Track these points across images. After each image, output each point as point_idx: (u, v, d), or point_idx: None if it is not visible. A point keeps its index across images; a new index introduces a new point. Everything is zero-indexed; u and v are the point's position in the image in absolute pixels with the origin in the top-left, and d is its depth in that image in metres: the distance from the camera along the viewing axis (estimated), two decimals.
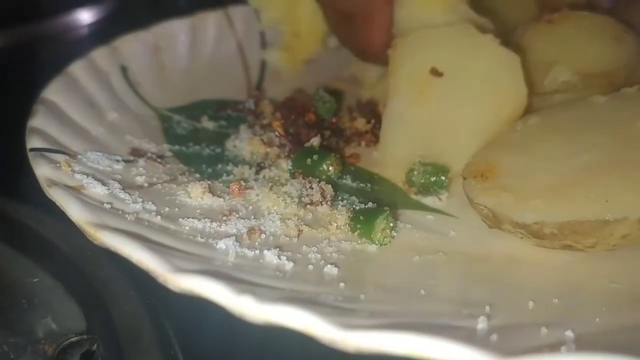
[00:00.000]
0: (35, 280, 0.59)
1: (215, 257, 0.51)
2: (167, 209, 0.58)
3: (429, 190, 0.65)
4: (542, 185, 0.54)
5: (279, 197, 0.63)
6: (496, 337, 0.42)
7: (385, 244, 0.58)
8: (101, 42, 0.84)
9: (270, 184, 0.65)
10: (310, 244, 0.57)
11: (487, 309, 0.47)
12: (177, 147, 0.74)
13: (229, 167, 0.70)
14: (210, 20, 0.96)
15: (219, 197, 0.63)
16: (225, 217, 0.59)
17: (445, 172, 0.65)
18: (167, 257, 0.46)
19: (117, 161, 0.65)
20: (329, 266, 0.53)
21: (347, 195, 0.65)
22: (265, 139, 0.73)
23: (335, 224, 0.60)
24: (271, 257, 0.53)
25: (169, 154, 0.72)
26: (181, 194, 0.63)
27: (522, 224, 0.53)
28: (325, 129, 0.76)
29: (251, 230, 0.57)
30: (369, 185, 0.68)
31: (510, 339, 0.42)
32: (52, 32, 1.14)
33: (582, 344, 0.41)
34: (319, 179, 0.65)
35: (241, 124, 0.78)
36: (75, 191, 0.55)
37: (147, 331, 0.52)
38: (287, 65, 0.89)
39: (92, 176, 0.59)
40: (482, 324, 0.44)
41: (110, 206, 0.54)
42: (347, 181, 0.69)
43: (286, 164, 0.69)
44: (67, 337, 0.53)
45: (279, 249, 0.54)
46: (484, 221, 0.57)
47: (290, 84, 0.88)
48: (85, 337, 0.53)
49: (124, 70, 0.82)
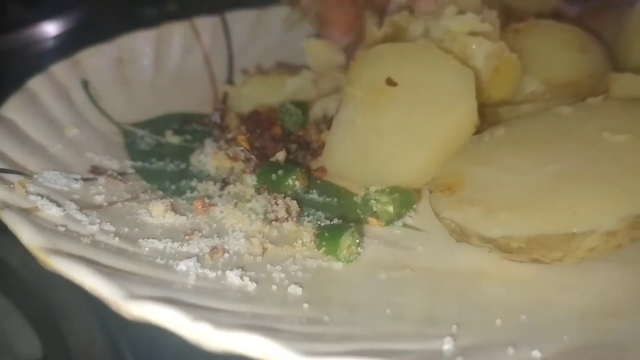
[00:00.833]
0: None
1: (174, 280, 0.50)
2: (126, 230, 0.57)
3: (397, 217, 0.63)
4: (508, 198, 0.54)
5: (243, 213, 0.62)
6: (461, 359, 0.41)
7: (351, 261, 0.56)
8: (63, 56, 0.82)
9: (235, 200, 0.64)
10: (274, 262, 0.55)
11: (454, 328, 0.46)
12: (140, 163, 0.72)
13: (193, 183, 0.69)
14: (175, 32, 0.95)
15: (182, 215, 0.62)
16: (187, 237, 0.58)
17: (409, 200, 0.63)
18: (121, 282, 0.44)
19: (76, 180, 0.63)
20: (293, 286, 0.51)
21: (314, 210, 0.64)
22: (230, 154, 0.72)
23: (300, 241, 0.59)
24: (233, 278, 0.52)
25: (131, 170, 0.70)
26: (142, 213, 0.61)
27: (490, 238, 0.52)
28: (291, 142, 0.75)
29: (214, 249, 0.56)
30: (335, 199, 0.67)
31: None
32: (15, 45, 1.11)
33: None
34: (284, 195, 0.64)
35: (206, 138, 0.76)
36: (28, 214, 0.53)
37: (105, 359, 0.50)
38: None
39: (48, 197, 0.57)
40: (448, 345, 0.44)
41: (64, 229, 0.53)
42: (314, 195, 0.67)
43: (251, 179, 0.68)
44: None
45: (241, 269, 0.53)
46: (452, 235, 0.56)
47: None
48: None
49: (85, 84, 0.80)
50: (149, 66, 0.90)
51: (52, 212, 0.55)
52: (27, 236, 0.49)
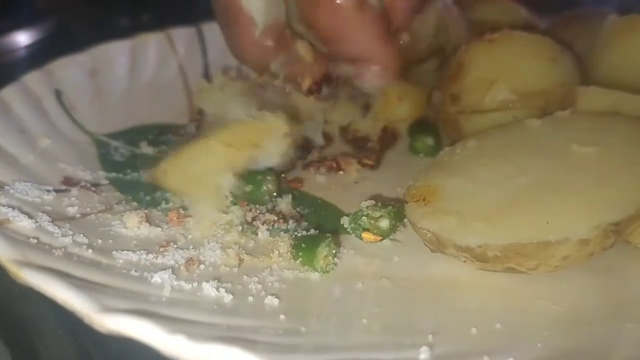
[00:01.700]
0: None
1: (149, 292, 0.49)
2: (100, 242, 0.56)
3: (392, 230, 0.62)
4: (483, 208, 0.54)
5: (219, 224, 0.62)
6: None
7: (328, 271, 0.56)
8: (36, 66, 0.81)
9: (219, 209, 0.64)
10: (251, 273, 0.55)
11: (430, 337, 0.46)
12: (113, 174, 0.71)
13: (169, 194, 0.67)
14: (150, 42, 0.94)
15: (157, 226, 0.61)
16: (162, 248, 0.57)
17: (401, 213, 0.61)
18: (94, 295, 0.44)
19: (48, 191, 0.62)
20: (270, 297, 0.51)
21: (290, 220, 0.64)
22: None
23: (277, 252, 0.58)
24: (209, 289, 0.51)
25: (104, 181, 0.69)
26: (116, 225, 0.60)
27: (466, 247, 0.53)
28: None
29: (189, 261, 0.55)
30: (312, 210, 0.67)
31: None
32: None
33: None
34: (262, 203, 0.65)
35: None
36: None
37: None
38: None
39: (19, 209, 0.56)
40: (424, 355, 0.44)
41: (36, 241, 0.52)
42: (290, 206, 0.67)
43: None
44: None
45: (217, 281, 0.53)
46: (427, 245, 0.57)
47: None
48: None
49: (58, 94, 0.79)
50: (124, 76, 0.89)
51: (23, 224, 0.54)
52: None
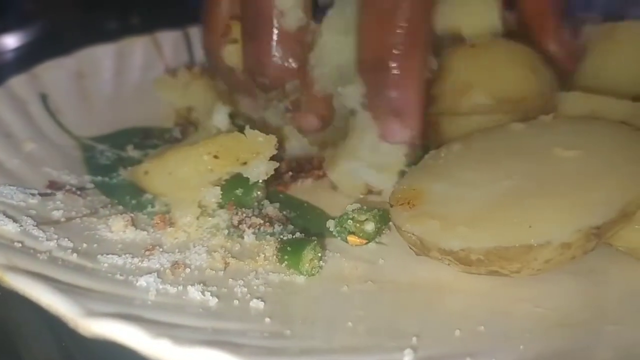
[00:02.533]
0: None
1: (134, 296, 0.49)
2: (84, 246, 0.56)
3: (378, 233, 0.63)
4: (466, 212, 0.54)
5: (206, 228, 0.62)
6: None
7: (313, 275, 0.57)
8: (23, 69, 0.81)
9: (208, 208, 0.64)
10: (236, 277, 0.55)
11: (414, 340, 0.47)
12: (99, 178, 0.71)
13: (151, 196, 0.67)
14: (137, 45, 0.94)
15: (143, 230, 0.61)
16: (148, 252, 0.57)
17: (387, 216, 0.62)
18: (79, 299, 0.43)
19: (33, 195, 0.62)
20: (255, 300, 0.51)
21: (277, 224, 0.64)
22: None
23: (262, 255, 0.59)
24: (195, 293, 0.51)
25: (90, 185, 0.69)
26: (102, 228, 0.60)
27: (449, 250, 0.53)
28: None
29: (175, 264, 0.55)
30: (298, 213, 0.68)
31: None
32: None
33: None
34: (249, 207, 0.65)
35: None
36: None
37: None
38: None
39: (4, 212, 0.56)
40: (408, 357, 0.44)
41: (21, 245, 0.52)
42: (276, 210, 0.67)
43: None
44: None
45: (203, 284, 0.53)
46: (412, 248, 0.57)
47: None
48: None
49: (44, 98, 0.79)
50: (110, 80, 0.90)
51: (8, 228, 0.53)
52: None
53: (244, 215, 0.64)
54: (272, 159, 0.66)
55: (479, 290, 0.54)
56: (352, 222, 0.61)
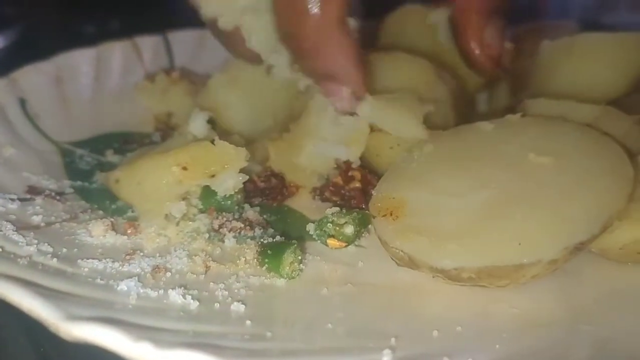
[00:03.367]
0: None
1: (114, 300, 0.49)
2: (65, 250, 0.56)
3: (357, 236, 0.63)
4: (453, 227, 0.54)
5: (186, 232, 0.62)
6: None
7: (293, 278, 0.57)
8: (1, 73, 0.80)
9: (176, 220, 0.64)
10: (217, 280, 0.55)
11: (393, 340, 0.47)
12: (79, 183, 0.71)
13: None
14: (116, 50, 0.94)
15: (123, 234, 0.61)
16: (128, 256, 0.57)
17: (367, 219, 0.63)
18: (60, 303, 0.44)
19: (12, 200, 0.61)
20: (236, 303, 0.52)
21: (257, 228, 0.65)
22: None
23: (243, 259, 0.59)
24: (176, 296, 0.52)
25: (69, 190, 0.69)
26: (82, 233, 0.60)
27: (441, 269, 0.53)
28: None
29: (156, 269, 0.56)
30: (278, 217, 0.68)
31: None
32: None
33: None
34: (230, 211, 0.65)
35: None
36: None
37: None
38: None
39: None
40: (386, 357, 0.45)
41: (0, 250, 0.51)
42: (257, 214, 0.68)
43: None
44: None
45: (184, 288, 0.53)
46: (394, 260, 0.57)
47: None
48: None
49: (22, 102, 0.79)
50: (89, 85, 0.89)
51: None
52: None
53: (225, 219, 0.64)
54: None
55: (457, 292, 0.55)
56: (331, 225, 0.62)
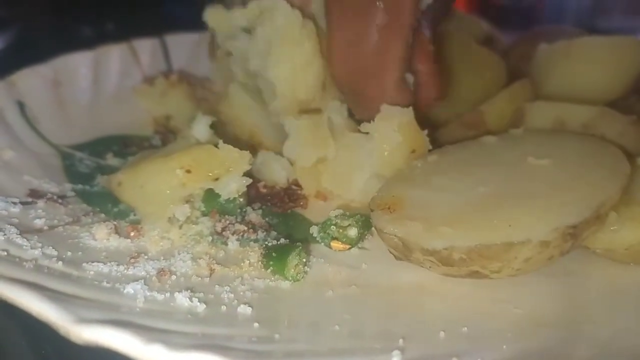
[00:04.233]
0: None
1: (122, 303, 0.49)
2: (69, 254, 0.56)
3: (361, 238, 0.64)
4: (446, 214, 0.56)
5: (189, 235, 0.62)
6: None
7: (298, 280, 0.57)
8: None
9: (180, 223, 0.64)
10: (222, 283, 0.56)
11: (401, 341, 0.48)
12: (80, 186, 0.71)
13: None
14: (114, 53, 0.94)
15: (126, 238, 0.61)
16: (133, 259, 0.57)
17: (369, 221, 0.62)
18: (69, 306, 0.44)
19: (14, 204, 0.61)
20: (243, 306, 0.52)
21: (260, 230, 0.65)
22: None
23: (247, 262, 0.59)
24: (182, 299, 0.52)
25: (71, 193, 0.69)
26: (85, 237, 0.60)
27: (432, 250, 0.54)
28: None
29: (161, 272, 0.56)
30: (280, 219, 0.68)
31: None
32: None
33: None
34: (232, 214, 0.65)
35: None
36: None
37: None
38: None
39: None
40: (396, 358, 0.45)
41: (6, 254, 0.51)
42: (259, 217, 0.68)
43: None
44: None
45: (190, 291, 0.53)
46: (392, 252, 0.58)
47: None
48: None
49: (21, 106, 0.78)
50: (87, 88, 0.89)
51: None
52: None
53: (227, 222, 0.64)
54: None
55: (461, 293, 0.56)
56: (335, 227, 0.62)
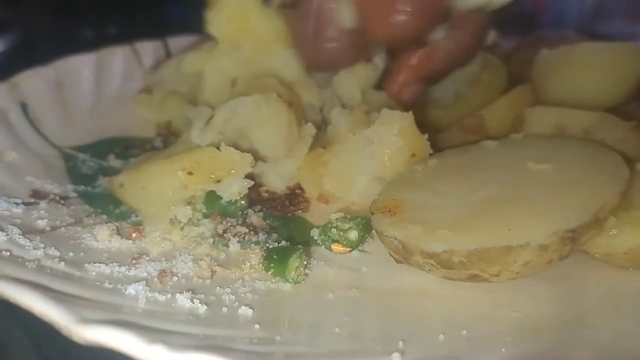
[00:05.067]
0: None
1: (124, 304, 0.50)
2: (71, 254, 0.56)
3: (361, 241, 0.64)
4: (447, 217, 0.56)
5: (191, 237, 0.63)
6: None
7: (299, 282, 0.58)
8: (1, 78, 0.80)
9: (181, 224, 0.64)
10: (224, 285, 0.56)
11: (400, 344, 0.48)
12: (82, 187, 0.71)
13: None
14: (116, 55, 0.95)
15: (128, 239, 0.61)
16: (134, 261, 0.58)
17: (370, 224, 0.63)
18: (72, 307, 0.44)
19: (17, 204, 0.61)
20: (244, 307, 0.52)
21: (261, 233, 0.65)
22: None
23: (248, 264, 0.59)
24: (184, 300, 0.52)
25: (73, 194, 0.69)
26: (87, 238, 0.60)
27: (432, 253, 0.54)
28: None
29: (162, 273, 0.56)
30: (281, 222, 0.68)
31: None
32: None
33: None
34: (233, 216, 0.66)
35: None
36: None
37: None
38: None
39: None
40: None
41: (9, 254, 0.52)
42: (260, 219, 0.68)
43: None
44: None
45: (191, 292, 0.53)
46: (392, 255, 0.58)
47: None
48: None
49: (23, 107, 0.79)
50: (89, 90, 0.90)
51: None
52: None
53: (229, 224, 0.65)
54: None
55: (460, 296, 0.56)
56: (336, 230, 0.62)
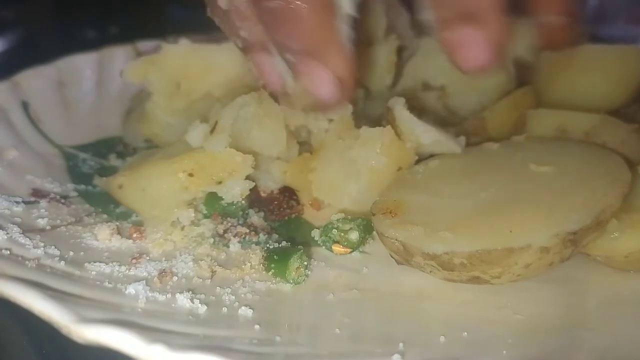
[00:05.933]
0: None
1: (124, 303, 0.50)
2: (71, 253, 0.56)
3: (362, 242, 0.64)
4: (448, 219, 0.56)
5: (191, 237, 0.62)
6: None
7: (299, 283, 0.58)
8: (1, 77, 0.80)
9: (182, 224, 0.64)
10: (224, 285, 0.56)
11: (401, 345, 0.48)
12: (82, 186, 0.71)
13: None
14: (118, 54, 0.94)
15: (128, 238, 0.61)
16: (134, 260, 0.58)
17: (371, 225, 0.63)
18: (71, 306, 0.44)
19: (17, 203, 0.61)
20: (244, 308, 0.52)
21: (261, 233, 0.65)
22: None
23: (249, 264, 0.59)
24: (183, 300, 0.52)
25: (73, 193, 0.69)
26: (87, 237, 0.60)
27: (433, 254, 0.54)
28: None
29: (162, 273, 0.56)
30: (282, 222, 0.68)
31: None
32: None
33: None
34: (234, 216, 0.66)
35: None
36: None
37: None
38: None
39: None
40: None
41: (8, 252, 0.52)
42: (261, 219, 0.68)
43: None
44: None
45: (191, 292, 0.53)
46: (393, 257, 0.58)
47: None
48: None
49: (25, 106, 0.79)
50: (91, 89, 0.89)
51: None
52: None
53: (229, 224, 0.65)
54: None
55: (461, 298, 0.56)
56: (336, 231, 0.62)
